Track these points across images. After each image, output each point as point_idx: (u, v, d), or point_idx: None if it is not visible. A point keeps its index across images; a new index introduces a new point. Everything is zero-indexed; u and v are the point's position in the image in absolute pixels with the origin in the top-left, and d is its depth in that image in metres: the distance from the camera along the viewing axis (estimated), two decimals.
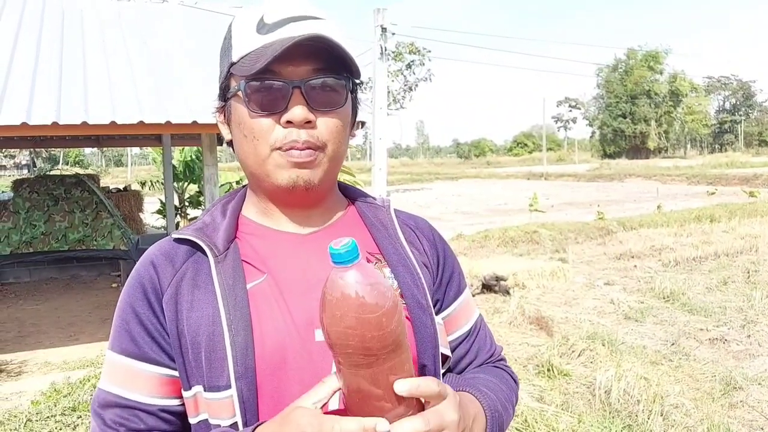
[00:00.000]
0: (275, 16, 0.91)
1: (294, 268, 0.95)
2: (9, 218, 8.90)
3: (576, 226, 13.44)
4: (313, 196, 0.98)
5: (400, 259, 1.00)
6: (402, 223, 1.08)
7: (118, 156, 64.98)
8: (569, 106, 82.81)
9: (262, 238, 0.99)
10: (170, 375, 0.94)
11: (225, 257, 0.94)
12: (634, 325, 6.78)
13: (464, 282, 1.13)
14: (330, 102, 0.92)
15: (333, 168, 0.96)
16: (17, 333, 7.10)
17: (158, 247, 1.00)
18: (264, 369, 0.88)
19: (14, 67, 6.01)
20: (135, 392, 0.93)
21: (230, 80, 0.96)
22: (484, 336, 1.14)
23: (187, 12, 8.78)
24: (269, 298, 0.92)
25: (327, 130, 0.92)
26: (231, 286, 0.91)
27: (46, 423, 4.15)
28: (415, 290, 0.98)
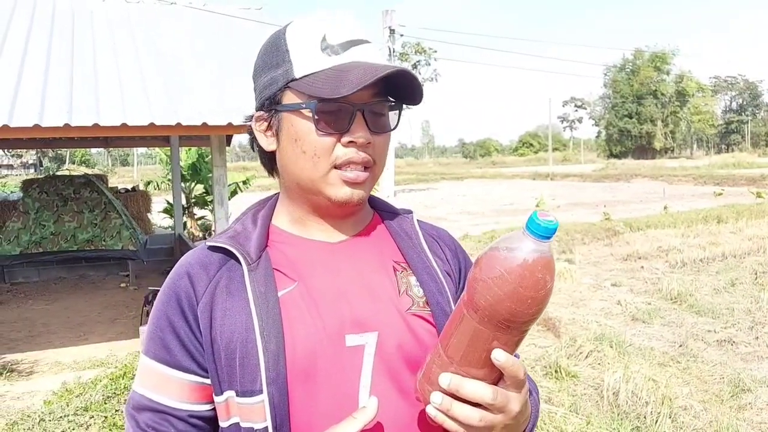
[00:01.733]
0: (338, 38, 0.96)
1: (324, 276, 0.98)
2: (19, 218, 8.97)
3: (582, 226, 13.42)
4: (354, 209, 1.03)
5: (425, 268, 1.04)
6: (425, 234, 1.11)
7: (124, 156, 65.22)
8: (575, 106, 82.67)
9: (293, 246, 1.02)
10: (201, 382, 0.96)
11: (257, 265, 0.96)
12: (642, 327, 6.77)
13: None
14: (385, 125, 0.99)
15: (374, 182, 1.02)
16: (28, 333, 7.15)
17: (193, 255, 1.03)
18: (295, 375, 0.91)
19: (26, 69, 6.06)
20: (166, 397, 0.96)
21: (284, 93, 0.98)
22: None
23: (196, 13, 8.82)
24: (300, 305, 0.95)
25: (379, 150, 0.99)
26: (263, 294, 0.93)
27: (59, 423, 4.19)
28: (439, 298, 1.01)
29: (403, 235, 1.08)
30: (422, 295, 1.01)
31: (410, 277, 1.03)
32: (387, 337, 0.94)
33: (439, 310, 1.00)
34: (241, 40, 8.35)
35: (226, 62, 7.48)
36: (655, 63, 63.52)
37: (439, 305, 1.00)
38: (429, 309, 1.00)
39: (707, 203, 18.85)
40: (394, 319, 0.97)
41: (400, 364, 0.95)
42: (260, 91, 1.02)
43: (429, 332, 0.99)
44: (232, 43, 8.23)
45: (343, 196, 0.96)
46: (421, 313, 1.00)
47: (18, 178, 36.37)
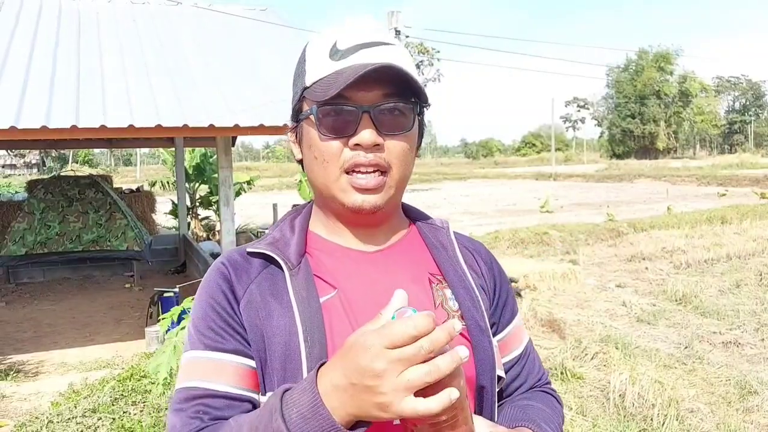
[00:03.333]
0: (348, 43, 0.95)
1: (361, 286, 0.98)
2: (24, 219, 8.99)
3: (586, 227, 13.41)
4: (378, 218, 1.01)
5: (461, 281, 1.03)
6: (461, 246, 1.10)
7: (127, 156, 65.26)
8: (578, 107, 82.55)
9: (330, 254, 1.02)
10: (250, 366, 0.95)
11: (298, 271, 0.97)
12: (647, 328, 6.77)
13: (516, 306, 1.16)
14: (398, 126, 0.95)
15: (398, 191, 1.00)
16: (33, 333, 7.17)
17: (230, 256, 1.03)
18: None
19: (32, 71, 6.08)
20: (219, 383, 0.93)
21: (303, 103, 1.00)
22: (534, 360, 1.16)
23: (201, 14, 8.83)
24: (340, 312, 0.95)
25: (393, 153, 0.95)
26: (305, 299, 0.94)
27: (67, 425, 4.20)
28: (474, 312, 1.00)
29: (439, 246, 1.07)
30: (457, 308, 1.01)
31: (446, 290, 1.02)
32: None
33: (474, 325, 0.99)
34: (246, 41, 8.36)
35: (232, 63, 7.49)
36: (658, 63, 63.42)
37: (473, 320, 1.00)
38: (464, 323, 0.99)
39: (711, 204, 18.81)
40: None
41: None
42: (292, 104, 1.05)
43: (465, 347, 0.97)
44: (238, 43, 8.24)
45: (353, 202, 0.95)
46: None
47: (21, 177, 36.47)
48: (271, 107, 6.03)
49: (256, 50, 8.10)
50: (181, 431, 0.92)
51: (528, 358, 1.15)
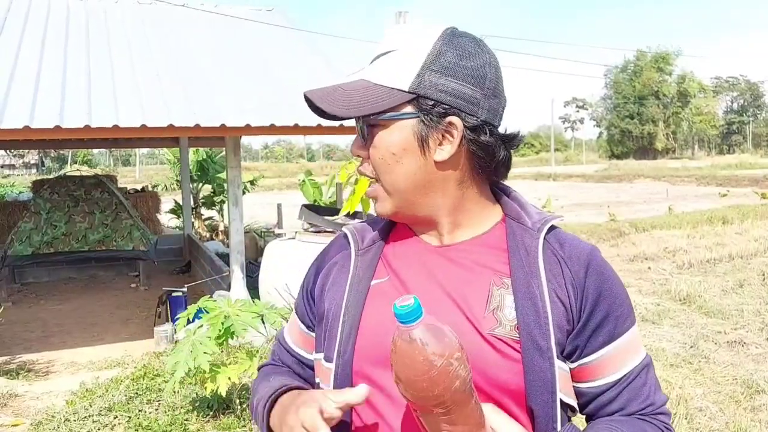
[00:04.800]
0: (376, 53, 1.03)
1: (416, 276, 1.02)
2: (30, 219, 9.00)
3: (588, 227, 13.45)
4: (409, 221, 1.06)
5: (528, 292, 0.95)
6: (551, 251, 1.00)
7: (126, 156, 65.13)
8: (577, 107, 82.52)
9: (404, 242, 1.07)
10: (309, 334, 1.15)
11: (366, 252, 1.07)
12: (652, 328, 6.81)
13: (625, 325, 1.00)
14: (370, 135, 1.00)
15: (402, 198, 1.00)
16: (41, 333, 7.19)
17: (338, 234, 1.17)
18: (362, 357, 0.99)
19: (43, 72, 6.11)
20: (289, 337, 1.21)
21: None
22: (642, 385, 1.00)
23: (208, 15, 8.86)
24: (386, 297, 0.99)
25: (373, 163, 1.01)
26: (359, 278, 1.04)
27: (84, 423, 4.23)
28: (534, 329, 0.93)
29: (521, 250, 0.99)
30: (513, 318, 0.94)
31: (507, 296, 0.96)
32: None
33: (529, 342, 0.93)
34: (254, 41, 8.39)
35: (240, 63, 7.52)
36: (657, 64, 63.48)
37: (530, 336, 0.93)
38: (518, 336, 0.93)
39: (711, 204, 18.86)
40: (470, 336, 0.93)
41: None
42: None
43: (509, 359, 0.93)
44: (246, 44, 8.28)
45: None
46: (505, 338, 0.94)
47: (20, 178, 36.42)
48: (281, 108, 6.07)
49: (264, 50, 8.13)
50: (269, 357, 1.27)
51: (632, 383, 0.99)
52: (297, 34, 9.00)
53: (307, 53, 8.29)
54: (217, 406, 4.39)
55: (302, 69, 7.65)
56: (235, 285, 6.51)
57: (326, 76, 7.27)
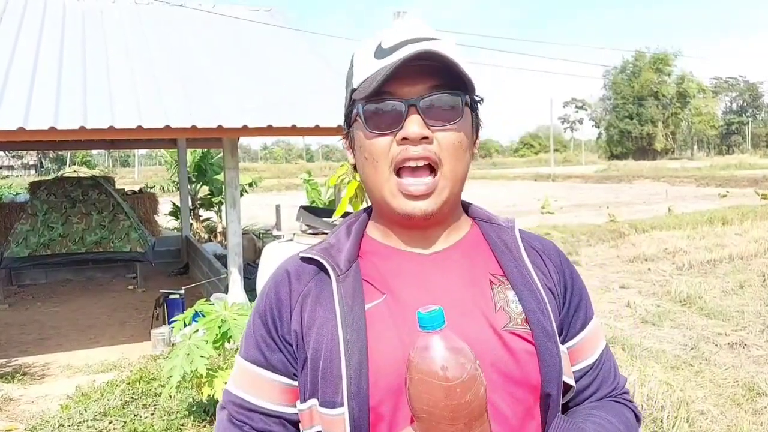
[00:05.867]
0: (392, 41, 0.93)
1: (414, 289, 0.95)
2: (27, 220, 8.96)
3: (588, 228, 13.42)
4: (433, 221, 0.98)
5: (525, 283, 0.98)
6: (527, 245, 1.04)
7: (124, 156, 65.11)
8: (576, 107, 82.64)
9: (384, 257, 1.00)
10: (290, 385, 0.99)
11: (346, 277, 0.96)
12: (652, 329, 6.77)
13: (591, 310, 1.08)
14: (446, 118, 0.92)
15: (453, 190, 0.96)
16: (38, 335, 7.14)
17: (289, 263, 1.04)
18: (379, 390, 0.90)
19: (38, 73, 6.07)
20: (258, 398, 0.99)
21: (352, 106, 0.98)
22: (609, 368, 1.08)
23: (205, 15, 8.82)
24: (387, 319, 0.93)
25: (444, 146, 0.92)
26: (350, 306, 0.93)
27: (78, 428, 4.18)
28: (540, 316, 0.95)
29: (503, 246, 1.02)
30: (521, 311, 0.96)
31: (508, 291, 0.97)
32: (480, 354, 0.86)
33: (539, 329, 0.94)
34: (252, 42, 8.36)
35: (238, 64, 7.49)
36: (656, 65, 63.51)
37: (539, 324, 0.95)
38: (528, 327, 0.95)
39: (711, 205, 18.83)
40: (487, 337, 0.93)
41: (495, 383, 0.90)
42: (344, 109, 1.03)
43: (527, 352, 0.94)
44: (243, 44, 8.24)
45: (403, 210, 0.94)
46: (518, 331, 0.95)
47: (19, 179, 36.34)
48: (279, 109, 6.03)
49: (262, 51, 8.10)
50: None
51: (602, 367, 1.07)
52: (295, 35, 8.96)
53: (306, 53, 8.25)
54: (213, 411, 4.35)
55: (301, 69, 7.61)
56: (232, 287, 6.47)
57: (325, 76, 7.23)
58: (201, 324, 3.85)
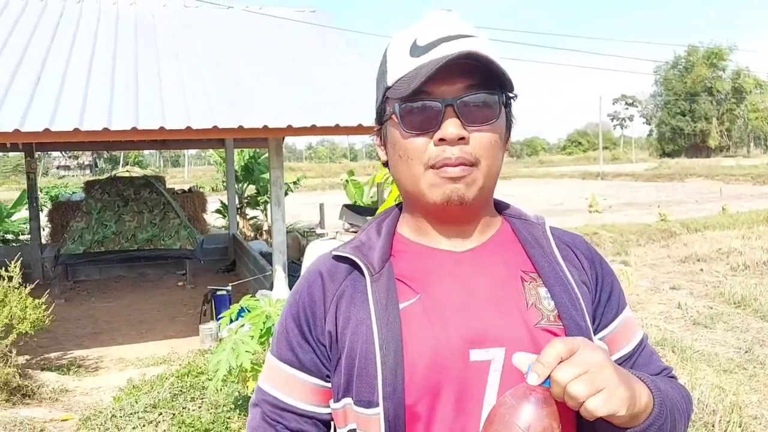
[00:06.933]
0: (428, 38, 0.93)
1: (448, 288, 0.95)
2: (82, 218, 9.28)
3: (637, 227, 13.13)
4: (468, 213, 0.97)
5: (557, 279, 0.98)
6: (558, 241, 1.04)
7: (175, 157, 66.73)
8: (626, 104, 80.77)
9: (417, 256, 0.99)
10: (322, 386, 0.99)
11: (380, 276, 0.96)
12: (704, 332, 6.59)
13: (624, 300, 1.07)
14: (483, 117, 0.92)
15: (488, 185, 0.96)
16: (92, 329, 7.40)
17: (321, 264, 1.04)
18: (415, 390, 0.90)
19: (93, 75, 6.28)
20: (290, 397, 1.01)
21: (386, 104, 0.98)
22: (649, 356, 1.07)
23: (252, 17, 8.97)
24: (422, 318, 0.93)
25: (480, 145, 0.92)
26: (384, 306, 0.93)
27: (129, 419, 4.32)
28: (573, 311, 0.95)
29: (534, 243, 1.02)
30: (553, 308, 0.95)
31: (540, 288, 0.97)
32: (515, 353, 0.87)
33: (572, 325, 0.94)
34: (296, 43, 8.46)
35: (283, 64, 7.59)
36: (710, 59, 61.52)
37: (572, 319, 0.94)
38: (561, 323, 0.94)
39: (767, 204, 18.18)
40: (521, 334, 0.92)
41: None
42: (375, 106, 1.02)
43: None
44: (288, 45, 8.35)
45: (440, 196, 0.92)
46: (551, 327, 0.94)
47: (75, 178, 37.69)
48: (323, 108, 6.09)
49: (307, 52, 8.19)
50: (256, 429, 1.03)
51: (641, 355, 1.06)
52: (338, 34, 9.03)
53: (348, 53, 8.31)
54: None
55: (344, 69, 7.67)
56: (277, 284, 6.57)
57: (367, 75, 7.26)
58: (247, 319, 3.92)
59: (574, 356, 0.78)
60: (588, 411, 0.76)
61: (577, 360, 0.78)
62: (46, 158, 50.85)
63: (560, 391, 0.77)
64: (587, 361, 0.78)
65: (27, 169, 10.90)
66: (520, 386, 0.80)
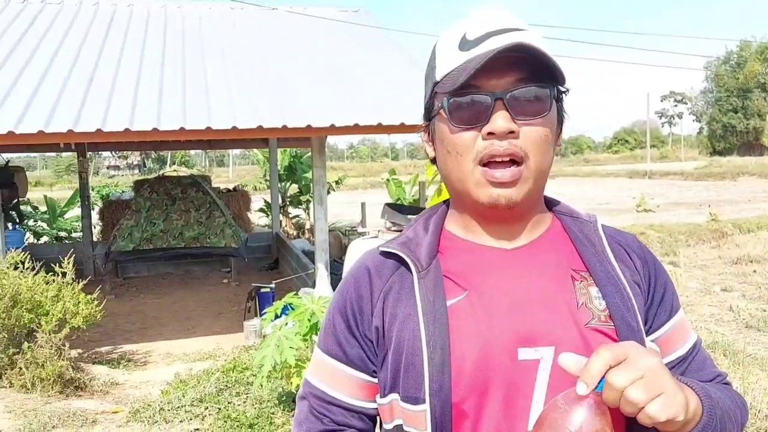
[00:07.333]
0: (477, 32, 0.92)
1: (497, 285, 0.94)
2: (131, 217, 9.53)
3: (687, 227, 12.79)
4: (516, 213, 0.96)
5: (609, 278, 0.96)
6: (610, 240, 1.02)
7: (220, 156, 67.89)
8: (675, 101, 78.59)
9: (465, 252, 0.99)
10: (369, 381, 1.00)
11: (427, 273, 0.95)
12: (757, 335, 6.39)
13: (677, 302, 1.05)
14: (533, 111, 0.90)
15: (537, 182, 0.94)
16: (141, 325, 7.59)
17: (368, 259, 1.04)
18: (462, 388, 0.90)
19: (143, 76, 6.44)
20: (337, 391, 1.01)
21: (434, 99, 0.97)
22: (703, 360, 1.05)
23: (296, 18, 9.07)
24: (470, 315, 0.92)
25: (530, 140, 0.91)
26: (431, 302, 0.92)
27: (176, 413, 4.43)
28: (624, 311, 0.93)
29: (585, 241, 1.00)
30: (604, 308, 0.94)
31: (591, 287, 0.95)
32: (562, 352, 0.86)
33: (624, 326, 0.92)
34: (339, 42, 8.52)
35: (326, 64, 7.65)
36: (763, 55, 59.45)
37: (624, 320, 0.92)
38: (612, 324, 0.93)
39: None
40: (572, 334, 0.91)
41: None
42: (424, 102, 1.02)
43: None
44: (332, 45, 8.41)
45: (488, 198, 0.91)
46: (602, 328, 0.92)
47: (124, 178, 38.73)
48: (365, 107, 6.12)
49: (349, 51, 8.24)
50: (303, 422, 1.03)
51: (694, 359, 1.03)
52: (380, 33, 9.05)
53: (390, 51, 8.33)
54: None
55: (386, 69, 7.68)
56: (319, 282, 6.63)
57: (409, 73, 7.26)
58: (290, 317, 3.97)
59: (628, 361, 0.77)
60: (649, 416, 0.75)
61: (633, 364, 0.76)
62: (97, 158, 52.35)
63: (616, 396, 0.75)
64: (643, 366, 0.76)
65: (79, 168, 11.25)
66: (572, 390, 0.79)
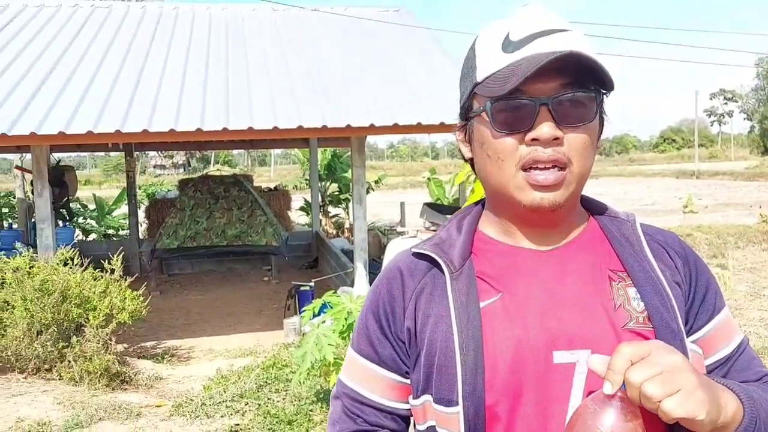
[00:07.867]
0: (521, 33, 0.89)
1: (531, 287, 0.93)
2: (176, 215, 9.75)
3: (736, 229, 12.42)
4: (558, 216, 0.94)
5: (648, 278, 0.94)
6: (650, 239, 1.00)
7: (261, 156, 68.78)
8: (724, 99, 76.32)
9: (499, 254, 0.97)
10: (402, 382, 1.00)
11: (460, 274, 0.94)
12: None
13: (721, 301, 1.01)
14: (578, 117, 0.89)
15: (578, 186, 0.93)
16: (184, 321, 7.75)
17: (400, 260, 1.03)
18: (495, 391, 0.89)
19: (187, 78, 6.58)
20: (370, 392, 1.02)
21: (473, 100, 0.95)
22: (749, 360, 1.00)
23: (337, 18, 9.12)
24: (503, 317, 0.91)
25: (573, 146, 0.89)
26: (464, 304, 0.92)
27: (218, 408, 4.51)
28: (664, 312, 0.91)
29: (623, 241, 0.98)
30: (642, 309, 0.92)
31: (629, 288, 0.93)
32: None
33: (663, 327, 0.90)
34: (379, 42, 8.54)
35: (367, 64, 7.68)
36: None
37: (663, 321, 0.90)
38: (651, 325, 0.91)
39: None
40: (608, 336, 0.89)
41: None
42: (460, 102, 1.00)
43: None
44: (372, 45, 8.44)
45: (531, 201, 0.89)
46: (640, 330, 0.91)
47: (170, 177, 39.63)
48: (405, 107, 6.12)
49: (389, 51, 8.25)
50: (337, 422, 1.04)
51: (739, 359, 0.99)
52: (420, 32, 9.04)
53: (430, 51, 8.31)
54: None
55: (425, 67, 7.67)
56: (358, 281, 6.66)
57: (449, 73, 7.24)
58: (329, 315, 4.01)
59: (648, 357, 0.76)
60: (664, 412, 0.73)
61: (652, 361, 0.75)
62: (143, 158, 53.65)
63: (635, 392, 0.74)
64: (663, 362, 0.75)
65: (126, 168, 11.55)
66: (601, 391, 0.78)
